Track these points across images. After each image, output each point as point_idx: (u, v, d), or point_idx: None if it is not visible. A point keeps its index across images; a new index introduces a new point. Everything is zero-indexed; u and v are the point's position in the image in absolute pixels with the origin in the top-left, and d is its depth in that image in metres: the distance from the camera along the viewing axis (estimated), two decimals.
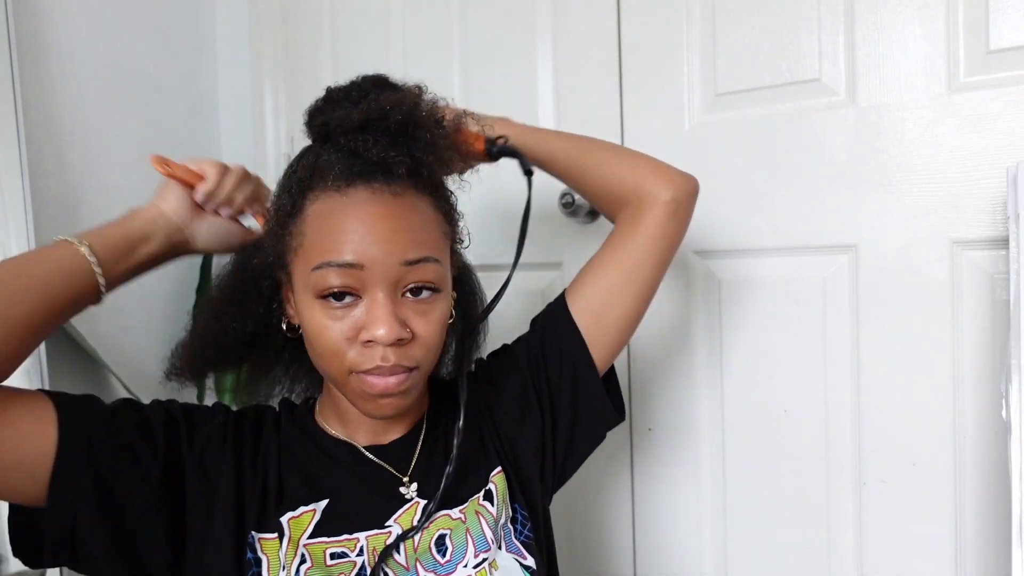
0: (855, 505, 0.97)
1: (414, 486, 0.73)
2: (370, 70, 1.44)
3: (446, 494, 0.71)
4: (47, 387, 1.16)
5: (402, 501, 0.71)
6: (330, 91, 0.72)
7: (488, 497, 0.74)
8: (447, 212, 0.72)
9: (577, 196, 1.11)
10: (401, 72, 1.35)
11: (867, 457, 0.96)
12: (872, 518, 0.96)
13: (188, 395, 0.81)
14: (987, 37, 0.88)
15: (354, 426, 0.75)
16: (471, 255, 1.28)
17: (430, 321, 0.67)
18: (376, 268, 0.63)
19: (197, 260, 1.49)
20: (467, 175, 0.77)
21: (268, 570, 0.66)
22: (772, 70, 1.01)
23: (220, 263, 1.62)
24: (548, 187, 1.18)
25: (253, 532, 0.67)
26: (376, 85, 0.72)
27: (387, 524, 0.70)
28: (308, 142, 0.73)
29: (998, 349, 0.88)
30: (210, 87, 1.58)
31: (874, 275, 0.95)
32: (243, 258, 0.76)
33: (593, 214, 1.14)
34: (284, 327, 0.73)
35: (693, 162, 1.07)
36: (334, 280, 0.63)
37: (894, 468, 0.95)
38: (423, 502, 0.71)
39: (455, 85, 1.29)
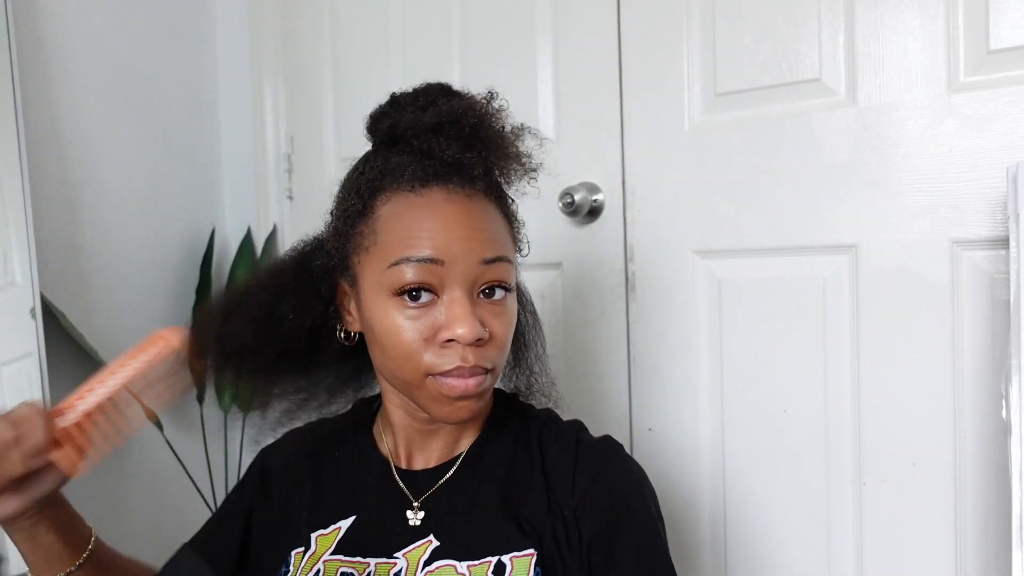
0: (855, 504, 0.98)
1: (421, 514, 0.71)
2: (370, 70, 1.46)
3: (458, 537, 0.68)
4: (46, 387, 1.16)
5: (408, 529, 0.70)
6: (395, 96, 0.71)
7: (499, 572, 0.66)
8: (512, 219, 0.72)
9: (577, 196, 1.11)
10: (401, 72, 1.35)
11: (867, 456, 0.96)
12: (872, 517, 0.96)
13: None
14: (987, 37, 0.88)
15: (398, 443, 0.75)
16: None
17: (504, 322, 0.67)
18: (456, 265, 0.63)
19: (197, 260, 1.49)
20: (528, 184, 0.74)
21: None
22: (772, 70, 1.01)
23: (220, 263, 1.63)
24: (548, 187, 1.18)
25: (291, 551, 0.72)
26: (442, 92, 0.71)
27: (395, 555, 0.69)
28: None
29: (998, 349, 0.88)
30: (210, 87, 1.58)
31: (874, 275, 0.95)
32: (301, 256, 0.74)
33: (593, 214, 1.14)
34: (341, 335, 0.72)
35: (693, 162, 1.07)
36: (413, 276, 0.63)
37: (894, 467, 0.95)
38: (436, 543, 0.68)
39: (455, 85, 1.29)
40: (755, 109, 1.03)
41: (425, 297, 0.64)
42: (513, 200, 0.73)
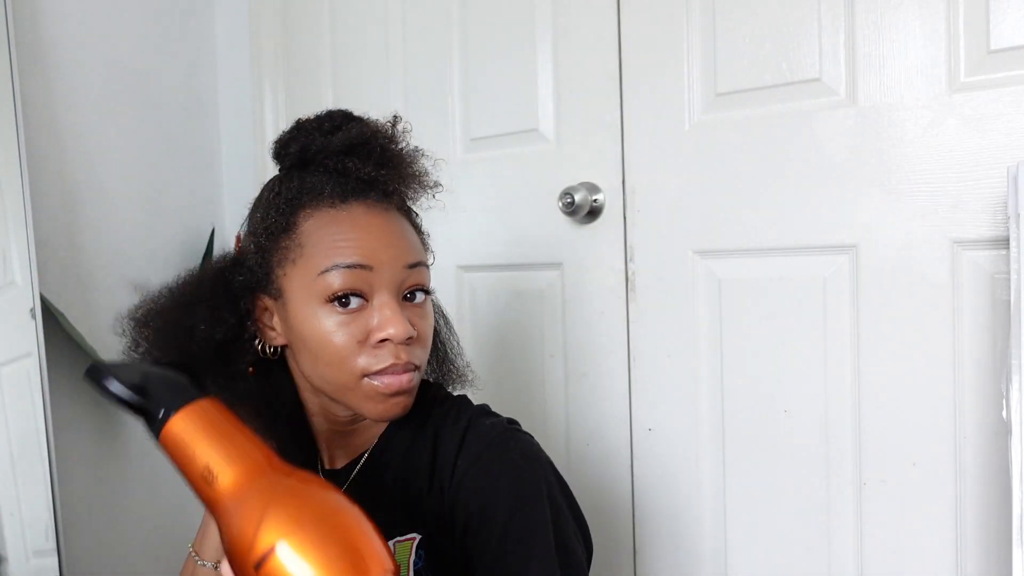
0: (855, 505, 0.97)
1: None
2: (370, 70, 1.46)
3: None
4: (46, 387, 1.16)
5: None
6: (300, 122, 0.75)
7: None
8: (419, 230, 0.77)
9: (577, 196, 1.11)
10: (401, 72, 1.35)
11: (867, 457, 0.96)
12: (872, 518, 0.96)
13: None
14: (987, 37, 0.88)
15: (321, 446, 0.79)
16: (472, 255, 1.28)
17: (427, 323, 0.72)
18: (384, 270, 0.68)
19: (197, 260, 1.49)
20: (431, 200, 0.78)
21: None
22: (772, 70, 1.01)
23: None
24: (548, 186, 1.18)
25: None
26: (346, 117, 0.74)
27: None
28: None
29: (998, 349, 0.88)
30: (210, 87, 1.58)
31: (874, 275, 0.95)
32: (219, 271, 0.74)
33: (593, 214, 1.14)
34: (268, 350, 0.73)
35: (693, 162, 1.07)
36: (344, 282, 0.66)
37: (894, 468, 0.95)
38: None
39: (455, 85, 1.29)
40: (755, 109, 1.03)
41: (355, 303, 0.67)
42: (418, 214, 0.78)
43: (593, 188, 1.14)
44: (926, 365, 0.92)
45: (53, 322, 1.21)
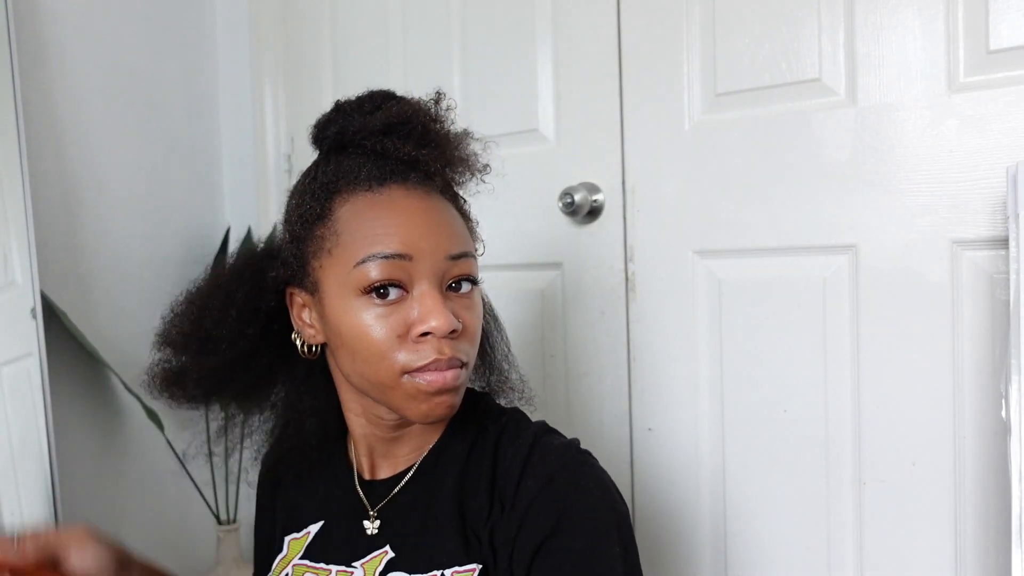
0: (855, 505, 0.97)
1: (378, 523, 0.70)
2: (370, 70, 1.46)
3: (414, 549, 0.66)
4: (46, 387, 1.16)
5: (365, 538, 0.69)
6: (340, 103, 0.70)
7: None
8: (467, 217, 0.72)
9: (577, 196, 1.11)
10: (401, 72, 1.35)
11: (867, 457, 0.96)
12: (872, 518, 0.96)
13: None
14: (987, 37, 0.88)
15: (361, 453, 0.74)
16: None
17: (474, 315, 0.67)
18: (424, 260, 0.63)
19: (197, 260, 1.49)
20: (479, 184, 0.74)
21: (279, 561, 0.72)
22: (772, 70, 1.01)
23: (221, 263, 1.62)
24: (548, 186, 1.18)
25: (286, 536, 0.74)
26: (387, 97, 0.70)
27: (353, 564, 0.69)
28: (310, 146, 0.72)
29: (998, 349, 0.88)
30: (210, 87, 1.58)
31: (874, 275, 0.95)
32: (248, 265, 0.71)
33: (593, 214, 1.14)
34: (304, 350, 0.70)
35: (693, 162, 1.07)
36: (381, 272, 0.62)
37: (894, 468, 0.95)
38: (391, 554, 0.67)
39: (455, 85, 1.29)
40: (755, 109, 1.03)
41: (394, 294, 0.62)
42: (465, 200, 0.73)
43: (593, 188, 1.14)
44: (926, 365, 0.92)
45: (54, 322, 1.21)
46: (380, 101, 0.69)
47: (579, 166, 1.16)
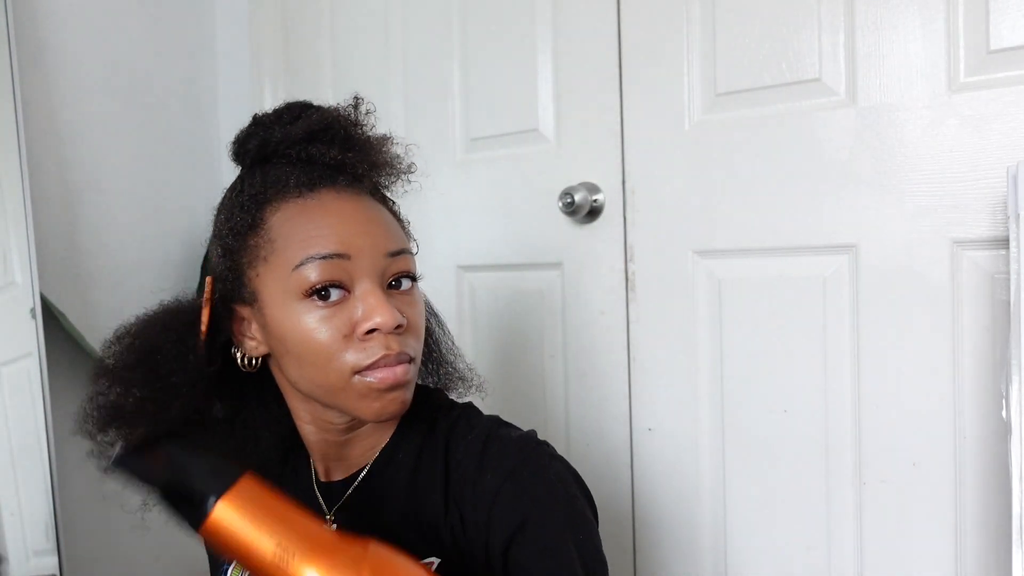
0: (855, 505, 0.97)
1: (334, 525, 0.70)
2: (370, 70, 1.46)
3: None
4: (46, 387, 1.16)
5: None
6: (257, 117, 0.71)
7: None
8: (399, 217, 0.72)
9: (577, 196, 1.11)
10: (401, 72, 1.35)
11: (867, 457, 0.96)
12: (872, 518, 0.96)
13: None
14: (987, 37, 0.88)
15: (315, 459, 0.74)
16: (472, 255, 1.28)
17: (417, 311, 0.67)
18: (363, 258, 0.63)
19: (197, 260, 1.49)
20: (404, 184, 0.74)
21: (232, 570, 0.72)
22: (772, 70, 1.01)
23: None
24: (548, 186, 1.18)
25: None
26: (305, 107, 0.70)
27: None
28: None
29: (998, 349, 0.88)
30: (210, 87, 1.58)
31: (874, 275, 0.95)
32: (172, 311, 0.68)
33: (593, 214, 1.14)
34: (246, 363, 0.68)
35: (693, 162, 1.07)
36: (321, 274, 0.61)
37: (894, 468, 0.95)
38: None
39: (455, 85, 1.29)
40: (755, 109, 1.03)
41: (335, 295, 0.62)
42: (395, 202, 0.73)
43: (593, 188, 1.14)
44: (926, 365, 0.92)
45: (53, 322, 1.21)
46: (299, 111, 0.69)
47: (579, 166, 1.16)
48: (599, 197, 1.14)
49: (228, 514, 0.52)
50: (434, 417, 0.72)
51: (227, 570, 0.73)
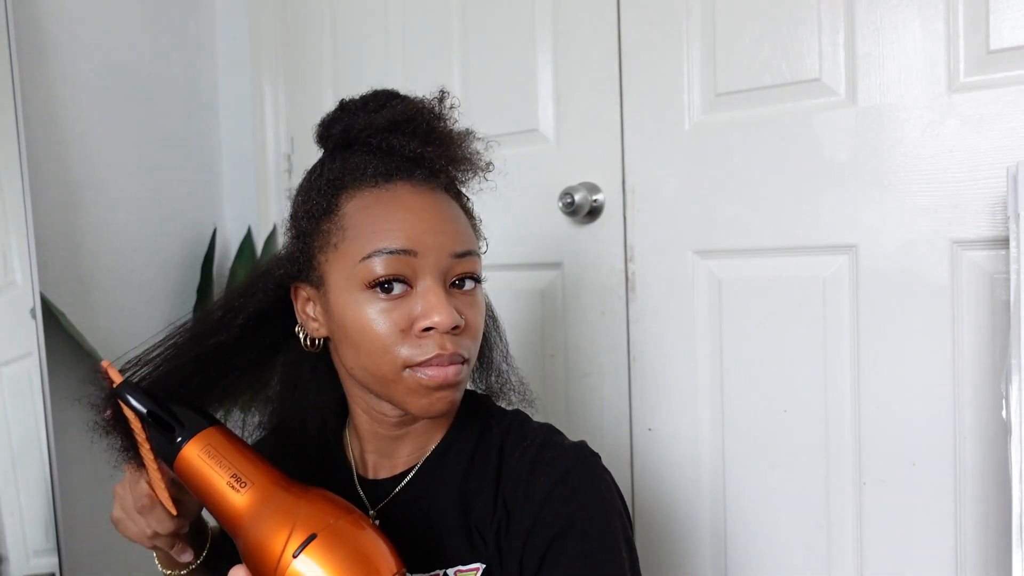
0: (855, 504, 0.97)
1: (378, 522, 0.70)
2: (370, 70, 1.46)
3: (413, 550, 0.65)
4: (46, 387, 1.16)
5: None
6: (344, 102, 0.71)
7: None
8: (471, 215, 0.72)
9: (577, 196, 1.11)
10: (401, 72, 1.35)
11: (867, 457, 0.96)
12: (872, 518, 0.96)
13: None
14: (987, 37, 0.88)
15: (364, 451, 0.74)
16: None
17: (477, 312, 0.67)
18: (428, 256, 0.63)
19: (197, 260, 1.49)
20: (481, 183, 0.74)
21: None
22: (772, 70, 1.01)
23: (221, 263, 1.63)
24: (548, 186, 1.18)
25: None
26: (391, 96, 0.70)
27: None
28: (310, 145, 0.72)
29: (998, 349, 0.88)
30: (210, 87, 1.58)
31: (874, 275, 0.95)
32: (256, 278, 0.72)
33: (593, 214, 1.14)
34: (307, 343, 0.70)
35: (693, 162, 1.07)
36: (386, 268, 0.62)
37: (894, 467, 0.95)
38: None
39: (455, 85, 1.29)
40: (755, 109, 1.03)
41: (398, 289, 0.63)
42: (469, 198, 0.73)
43: (593, 188, 1.14)
44: (926, 365, 0.92)
45: (53, 322, 1.21)
46: (385, 100, 0.69)
47: (579, 166, 1.16)
48: (599, 197, 1.14)
49: (194, 452, 0.61)
50: (487, 422, 0.72)
51: None
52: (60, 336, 1.24)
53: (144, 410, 0.63)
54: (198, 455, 0.61)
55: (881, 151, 0.94)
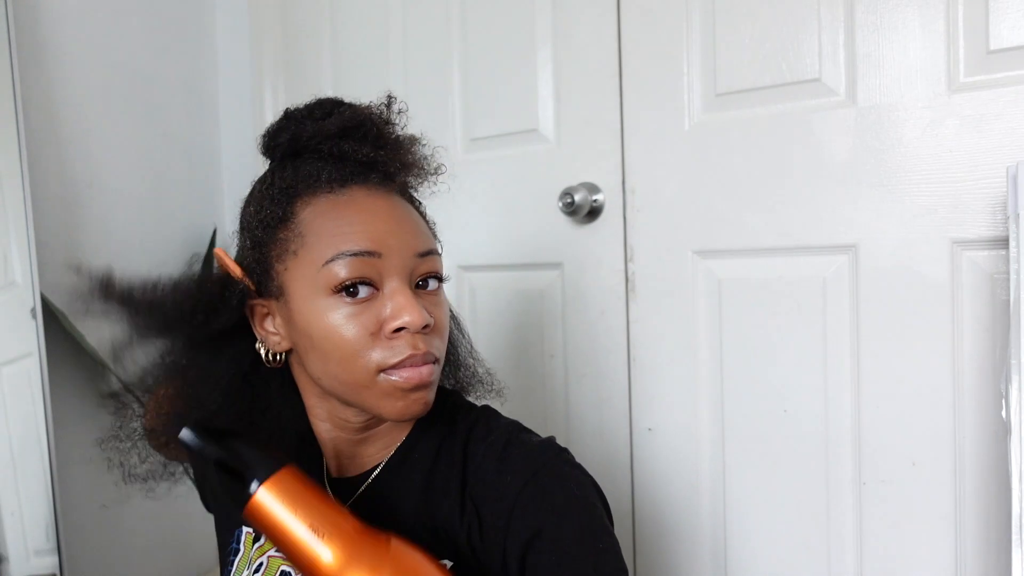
0: (855, 505, 0.98)
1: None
2: (370, 70, 1.46)
3: None
4: (46, 387, 1.16)
5: None
6: (289, 111, 0.69)
7: None
8: (425, 217, 0.72)
9: (577, 196, 1.11)
10: (401, 72, 1.35)
11: (867, 457, 0.96)
12: (872, 518, 0.96)
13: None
14: (987, 37, 0.88)
15: (327, 456, 0.73)
16: (472, 255, 1.28)
17: (443, 311, 0.67)
18: (392, 257, 0.63)
19: (197, 260, 1.49)
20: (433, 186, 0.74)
21: (238, 562, 0.72)
22: (772, 70, 1.01)
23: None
24: (548, 186, 1.18)
25: (243, 527, 0.73)
26: (336, 104, 0.69)
27: None
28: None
29: (998, 349, 0.88)
30: (210, 87, 1.58)
31: (874, 275, 0.95)
32: (212, 298, 0.68)
33: (593, 214, 1.14)
34: (271, 358, 0.68)
35: (693, 162, 1.07)
36: (351, 270, 0.61)
37: (894, 468, 0.95)
38: None
39: (455, 86, 1.29)
40: (755, 109, 1.03)
41: (364, 292, 0.62)
42: (421, 202, 0.73)
43: (593, 188, 1.14)
44: (926, 365, 0.92)
45: (53, 322, 1.21)
46: (331, 107, 0.68)
47: (579, 166, 1.16)
48: (599, 197, 1.14)
49: (268, 498, 0.58)
50: (453, 418, 0.71)
51: (235, 561, 0.73)
52: (60, 336, 1.24)
53: (213, 458, 0.61)
54: (273, 501, 0.58)
55: (881, 151, 0.94)
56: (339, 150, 0.66)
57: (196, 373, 0.67)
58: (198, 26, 1.55)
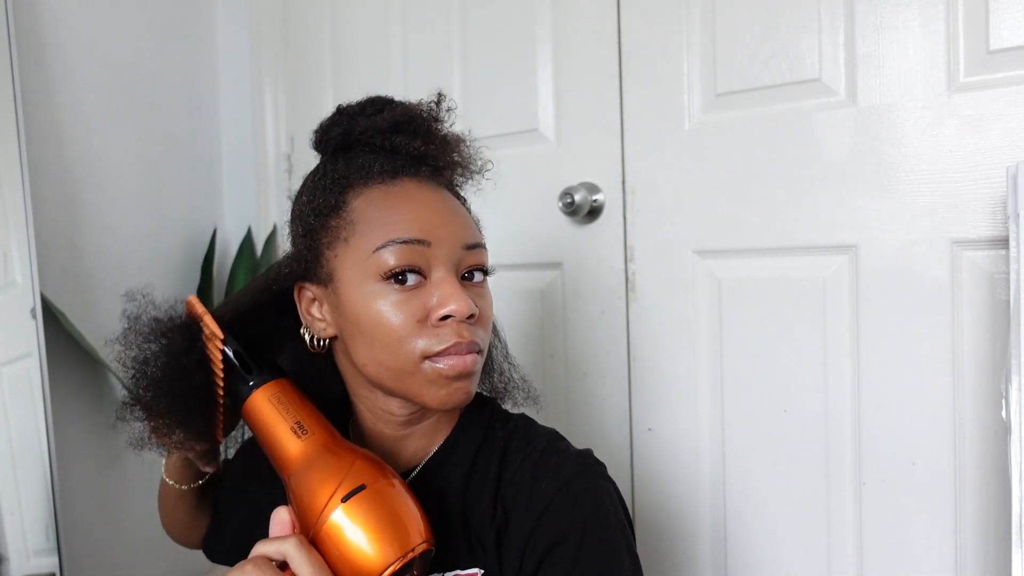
0: (855, 505, 0.98)
1: None
2: (370, 70, 1.46)
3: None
4: (46, 387, 1.16)
5: None
6: (341, 107, 0.71)
7: None
8: (470, 213, 0.73)
9: (577, 196, 1.11)
10: (401, 72, 1.35)
11: (867, 457, 0.96)
12: (872, 518, 0.96)
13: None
14: (987, 37, 0.88)
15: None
16: None
17: (488, 303, 0.68)
18: (441, 247, 0.64)
19: (197, 260, 1.49)
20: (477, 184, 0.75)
21: None
22: (772, 70, 1.01)
23: (221, 263, 1.63)
24: (548, 186, 1.18)
25: None
26: (387, 102, 0.71)
27: None
28: (307, 147, 0.73)
29: (998, 349, 0.88)
30: (210, 87, 1.58)
31: (874, 275, 0.95)
32: (268, 280, 0.72)
33: (593, 214, 1.14)
34: (316, 344, 0.69)
35: (693, 162, 1.07)
36: (401, 258, 0.62)
37: (894, 468, 0.95)
38: None
39: (455, 85, 1.29)
40: (755, 109, 1.03)
41: (412, 280, 0.63)
42: (465, 199, 0.74)
43: (593, 188, 1.14)
44: (926, 365, 0.92)
45: (53, 322, 1.21)
46: (382, 104, 0.70)
47: (579, 166, 1.16)
48: (599, 197, 1.14)
49: (264, 397, 0.67)
50: (491, 424, 0.72)
51: None
52: (60, 336, 1.24)
53: (231, 351, 0.68)
54: (268, 400, 0.66)
55: (881, 151, 0.94)
56: (391, 144, 0.67)
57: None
58: (198, 26, 1.55)
